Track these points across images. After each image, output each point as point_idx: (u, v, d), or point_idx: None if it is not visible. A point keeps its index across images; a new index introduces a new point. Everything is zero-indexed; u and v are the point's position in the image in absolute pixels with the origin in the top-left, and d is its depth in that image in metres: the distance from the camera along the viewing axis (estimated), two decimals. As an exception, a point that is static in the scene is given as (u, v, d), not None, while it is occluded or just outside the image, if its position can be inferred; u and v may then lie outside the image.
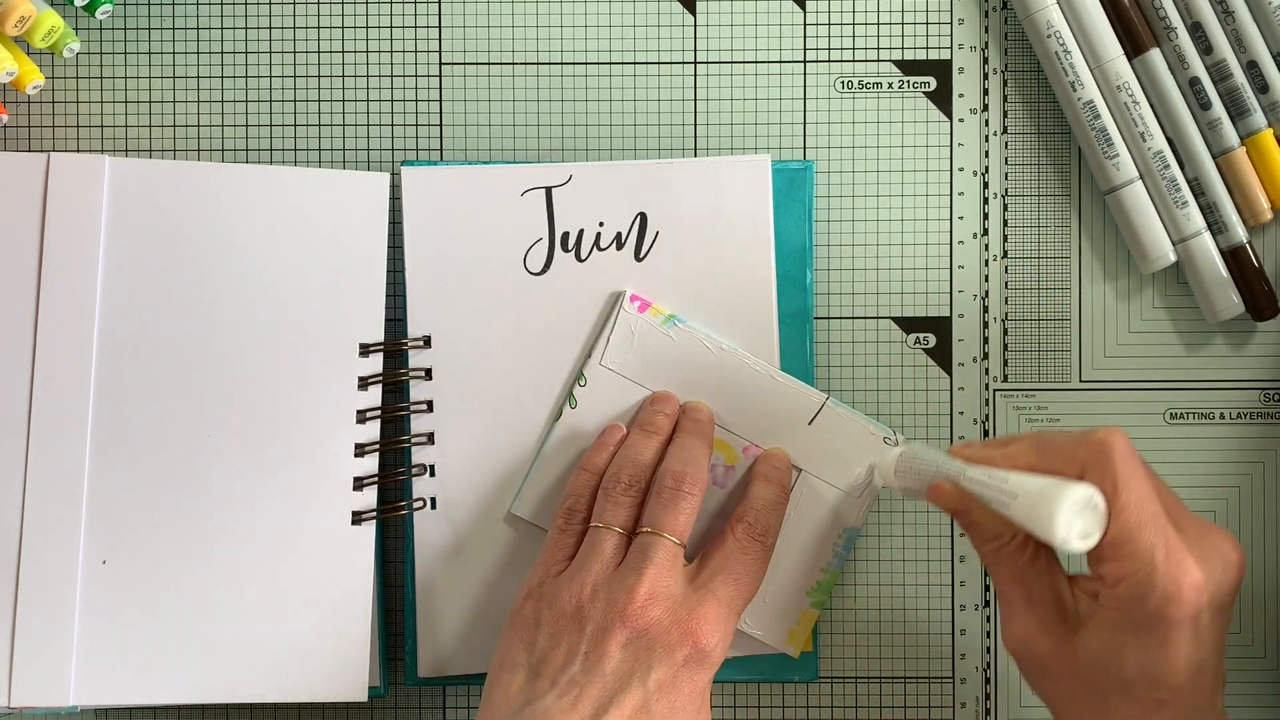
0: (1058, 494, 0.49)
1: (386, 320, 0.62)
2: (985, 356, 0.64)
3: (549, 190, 0.62)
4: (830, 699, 0.64)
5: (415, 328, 0.62)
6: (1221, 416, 0.64)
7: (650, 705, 0.53)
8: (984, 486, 0.52)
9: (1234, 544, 0.52)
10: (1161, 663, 0.50)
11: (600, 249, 0.62)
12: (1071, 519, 0.49)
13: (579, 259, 0.62)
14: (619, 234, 0.62)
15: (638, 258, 0.62)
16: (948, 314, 0.64)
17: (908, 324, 0.64)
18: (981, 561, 0.55)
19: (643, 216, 0.62)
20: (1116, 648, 0.51)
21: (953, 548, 0.64)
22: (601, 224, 0.62)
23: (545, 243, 0.62)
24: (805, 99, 0.64)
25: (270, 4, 0.64)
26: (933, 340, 0.64)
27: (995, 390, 0.64)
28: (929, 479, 0.55)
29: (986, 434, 0.64)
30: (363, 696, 0.61)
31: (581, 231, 0.62)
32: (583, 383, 0.61)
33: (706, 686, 0.55)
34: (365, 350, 0.61)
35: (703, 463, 0.59)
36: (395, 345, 0.62)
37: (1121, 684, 0.51)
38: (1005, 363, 0.64)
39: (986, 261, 0.64)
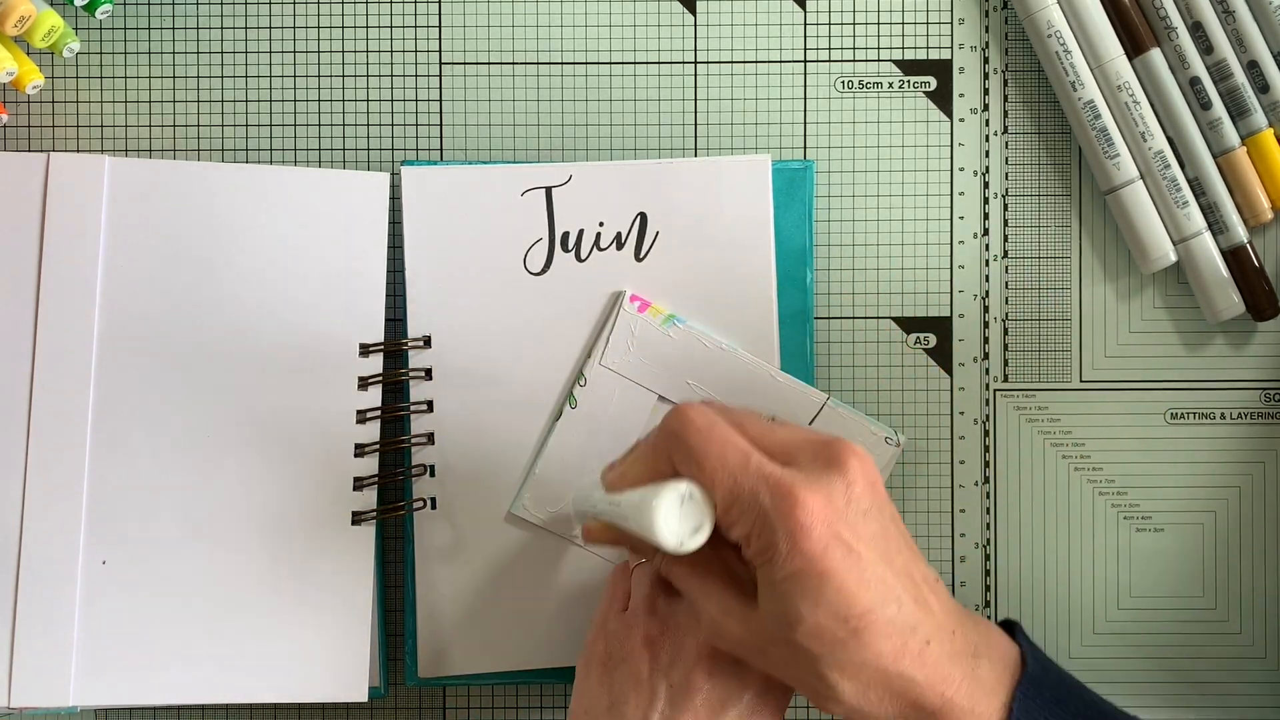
0: (649, 502, 0.49)
1: (386, 320, 0.62)
2: (985, 356, 0.64)
3: (549, 190, 0.62)
4: (830, 699, 0.64)
5: (415, 328, 0.62)
6: (1222, 416, 0.64)
7: None
8: (609, 515, 0.52)
9: (850, 449, 0.49)
10: (831, 594, 0.48)
11: (600, 249, 0.62)
12: (672, 523, 0.48)
13: (579, 259, 0.62)
14: (619, 234, 0.62)
15: (638, 258, 0.62)
16: (948, 314, 0.64)
17: (908, 324, 0.64)
18: (669, 578, 0.54)
19: (643, 216, 0.62)
20: (789, 601, 0.48)
21: (953, 548, 0.64)
22: (601, 224, 0.62)
23: (545, 243, 0.62)
24: (805, 99, 0.64)
25: (270, 4, 0.64)
26: (933, 340, 0.64)
27: (995, 390, 0.64)
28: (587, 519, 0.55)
29: (987, 434, 0.64)
30: (363, 696, 0.61)
31: (581, 231, 0.62)
32: (583, 383, 0.61)
33: (791, 694, 0.54)
34: (365, 350, 0.61)
35: None
36: (395, 345, 0.62)
37: (813, 633, 0.48)
38: (1005, 363, 0.64)
39: (987, 261, 0.64)
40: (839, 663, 0.49)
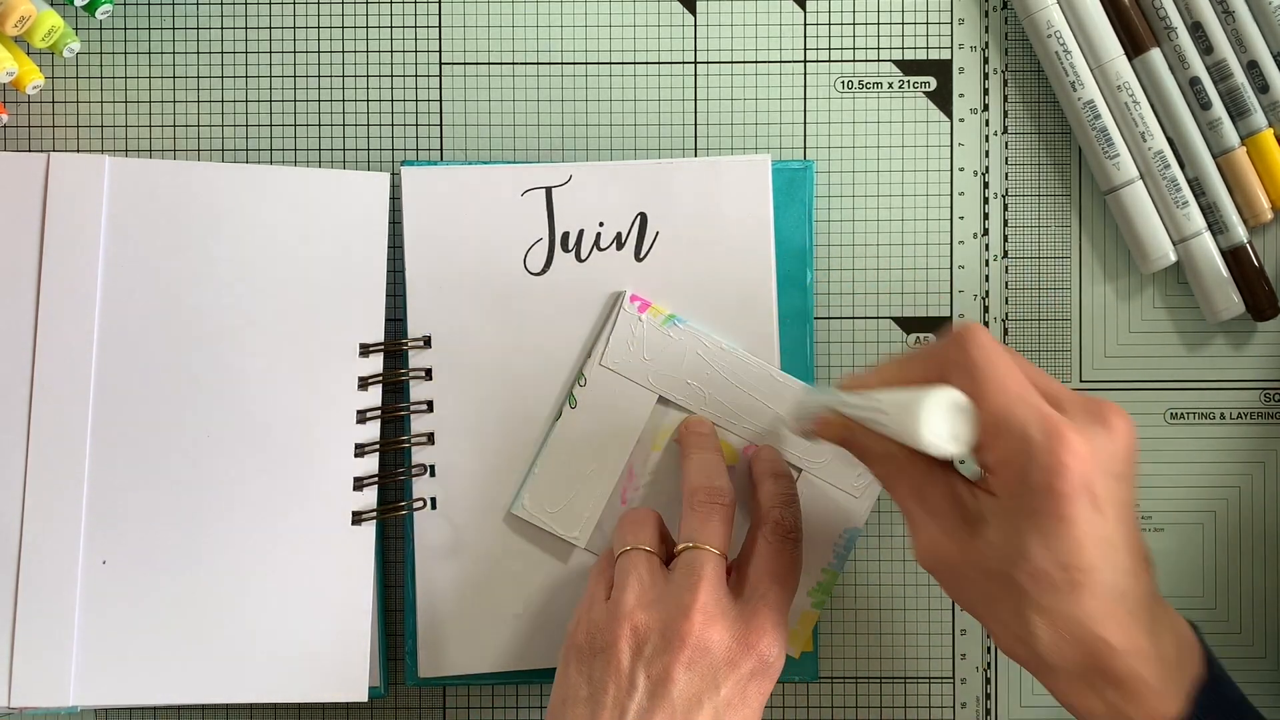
0: (919, 400, 0.50)
1: (386, 320, 0.62)
2: (985, 356, 0.64)
3: (549, 190, 0.62)
4: (830, 699, 0.64)
5: (415, 328, 0.62)
6: (1221, 416, 0.64)
7: None
8: (859, 409, 0.53)
9: (1119, 412, 0.50)
10: (1065, 540, 0.48)
11: (600, 249, 0.62)
12: (937, 422, 0.49)
13: (579, 259, 0.62)
14: (619, 234, 0.62)
15: (638, 258, 0.62)
16: (948, 314, 0.64)
17: (908, 324, 0.64)
18: (882, 486, 0.54)
19: (643, 216, 0.62)
20: (1018, 535, 0.49)
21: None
22: (601, 224, 0.62)
23: (545, 243, 0.62)
24: (805, 99, 0.64)
25: (270, 4, 0.64)
26: (933, 340, 0.64)
27: (995, 390, 0.64)
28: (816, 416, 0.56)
29: (986, 434, 0.64)
30: (363, 696, 0.61)
31: (581, 231, 0.62)
32: (582, 383, 0.61)
33: (770, 690, 0.55)
34: (365, 350, 0.61)
35: (724, 473, 0.58)
36: (395, 345, 0.62)
37: (1033, 573, 0.49)
38: (1005, 363, 0.64)
39: (986, 261, 0.64)
40: (1045, 609, 0.49)
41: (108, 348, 0.60)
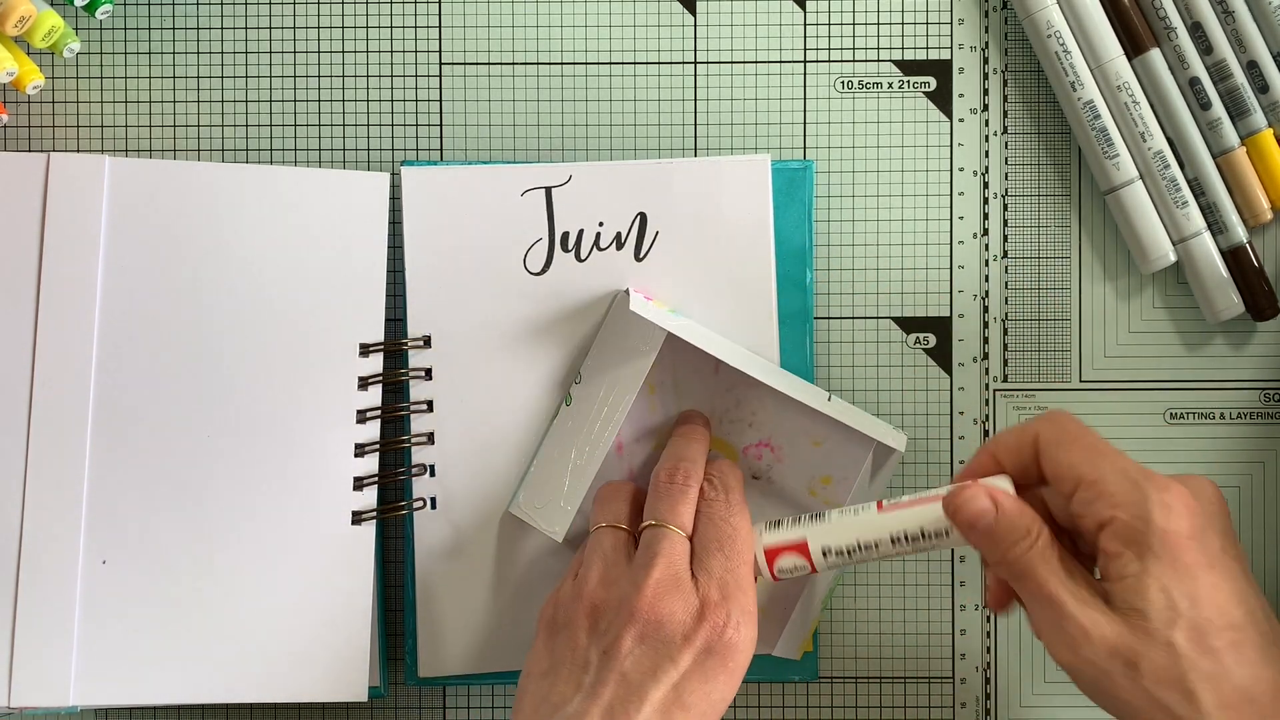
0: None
1: (386, 320, 0.62)
2: (985, 356, 0.64)
3: (549, 190, 0.62)
4: (830, 699, 0.64)
5: (415, 328, 0.62)
6: (1221, 416, 0.64)
7: (684, 698, 0.52)
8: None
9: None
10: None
11: (600, 249, 0.62)
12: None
13: (579, 259, 0.62)
14: (619, 234, 0.62)
15: (638, 258, 0.62)
16: (948, 314, 0.64)
17: (908, 324, 0.64)
18: (1010, 577, 0.52)
19: (643, 216, 0.62)
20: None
21: (952, 548, 0.64)
22: (601, 224, 0.62)
23: (545, 243, 0.62)
24: (805, 99, 0.64)
25: (270, 4, 0.64)
26: (933, 340, 0.64)
27: (995, 390, 0.64)
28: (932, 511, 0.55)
29: (987, 434, 0.64)
30: (363, 696, 0.61)
31: (581, 231, 0.62)
32: (579, 380, 0.61)
33: (742, 667, 0.54)
34: (365, 350, 0.61)
35: (698, 459, 0.58)
36: (395, 345, 0.62)
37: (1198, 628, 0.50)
38: (1005, 363, 0.64)
39: (986, 261, 0.64)
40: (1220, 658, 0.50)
41: (108, 348, 0.60)
